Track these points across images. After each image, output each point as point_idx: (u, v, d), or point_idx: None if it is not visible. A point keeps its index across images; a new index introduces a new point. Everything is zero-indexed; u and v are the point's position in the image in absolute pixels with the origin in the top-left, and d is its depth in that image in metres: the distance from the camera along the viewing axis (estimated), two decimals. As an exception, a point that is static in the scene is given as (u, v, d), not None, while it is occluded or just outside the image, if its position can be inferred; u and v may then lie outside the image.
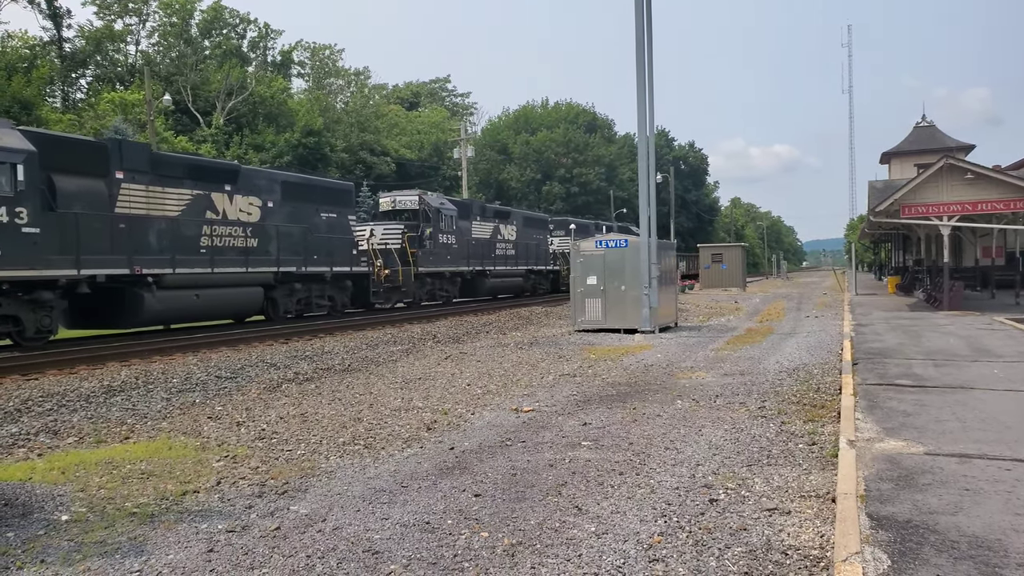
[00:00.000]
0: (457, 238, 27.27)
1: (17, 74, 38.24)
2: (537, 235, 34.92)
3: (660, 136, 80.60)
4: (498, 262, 30.64)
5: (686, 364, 11.96)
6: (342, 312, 21.86)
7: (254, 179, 18.87)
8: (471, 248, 28.37)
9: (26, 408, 8.84)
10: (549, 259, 36.20)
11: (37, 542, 4.46)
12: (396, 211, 26.36)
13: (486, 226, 30.19)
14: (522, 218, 33.77)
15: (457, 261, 27.41)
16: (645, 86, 17.01)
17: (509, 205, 52.03)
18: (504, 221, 31.83)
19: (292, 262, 19.45)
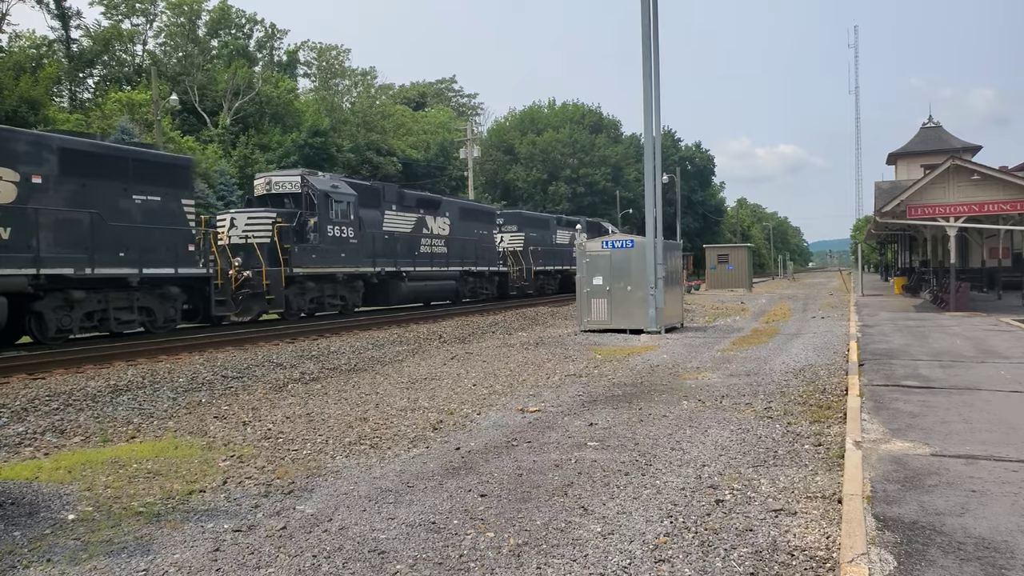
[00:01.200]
0: (358, 231, 21.60)
1: (25, 74, 38.42)
2: (481, 230, 29.33)
3: (666, 136, 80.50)
4: (421, 262, 24.87)
5: (692, 365, 11.93)
6: (170, 328, 16.52)
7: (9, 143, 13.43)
8: (381, 244, 22.84)
9: (32, 407, 8.88)
10: (497, 259, 30.71)
11: (43, 541, 4.48)
12: (272, 196, 20.63)
13: (406, 217, 24.61)
14: (458, 209, 28.12)
15: (356, 259, 21.56)
16: (651, 86, 16.99)
17: (516, 205, 50.84)
18: (432, 212, 26.18)
19: (57, 261, 13.77)
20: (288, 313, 19.85)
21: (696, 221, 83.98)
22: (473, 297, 29.10)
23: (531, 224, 34.96)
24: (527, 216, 36.17)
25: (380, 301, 24.04)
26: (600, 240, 17.99)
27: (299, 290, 20.01)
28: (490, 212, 32.28)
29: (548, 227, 36.44)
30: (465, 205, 29.80)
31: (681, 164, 77.39)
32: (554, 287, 36.35)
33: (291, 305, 19.79)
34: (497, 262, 30.69)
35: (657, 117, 17.28)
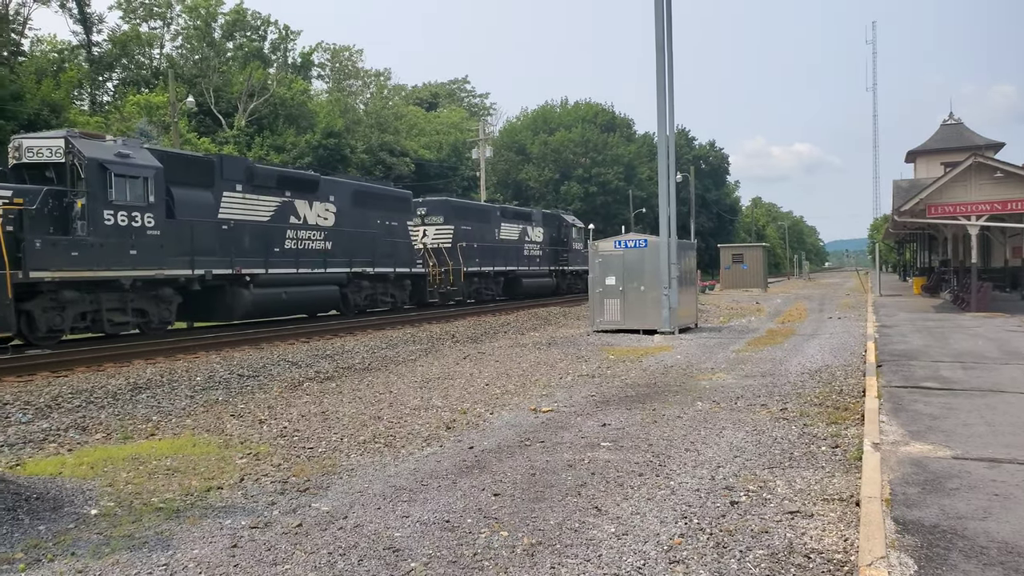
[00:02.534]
0: (162, 218, 15.36)
1: (47, 77, 38.87)
2: (389, 220, 23.03)
3: (680, 135, 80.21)
4: (283, 261, 18.63)
5: (706, 365, 11.89)
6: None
7: None
8: (210, 237, 16.68)
9: (56, 404, 9.00)
10: (415, 257, 24.61)
11: (67, 535, 4.55)
12: (29, 167, 14.46)
13: (261, 202, 18.30)
14: (351, 193, 21.62)
15: (158, 258, 15.24)
16: (665, 85, 16.95)
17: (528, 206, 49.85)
18: (306, 195, 19.78)
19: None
20: (33, 338, 13.52)
21: (710, 220, 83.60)
22: (372, 305, 22.93)
23: (463, 215, 28.72)
24: (457, 205, 29.44)
25: (217, 315, 17.70)
26: (613, 240, 17.96)
27: (51, 303, 13.60)
28: (402, 198, 24.94)
29: (488, 220, 30.27)
30: (362, 188, 22.72)
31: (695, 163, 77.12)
32: (494, 291, 30.15)
33: (36, 325, 13.46)
34: (414, 261, 24.46)
35: (671, 116, 17.23)
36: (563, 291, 36.14)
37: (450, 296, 27.14)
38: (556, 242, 35.77)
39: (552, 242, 35.37)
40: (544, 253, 34.38)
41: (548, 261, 34.67)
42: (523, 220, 33.18)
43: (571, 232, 37.07)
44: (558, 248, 35.87)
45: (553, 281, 35.21)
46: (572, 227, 37.07)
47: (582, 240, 37.67)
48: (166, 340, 15.13)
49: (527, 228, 33.11)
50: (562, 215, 37.62)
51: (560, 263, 35.86)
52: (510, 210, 33.66)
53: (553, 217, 36.68)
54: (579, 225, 38.65)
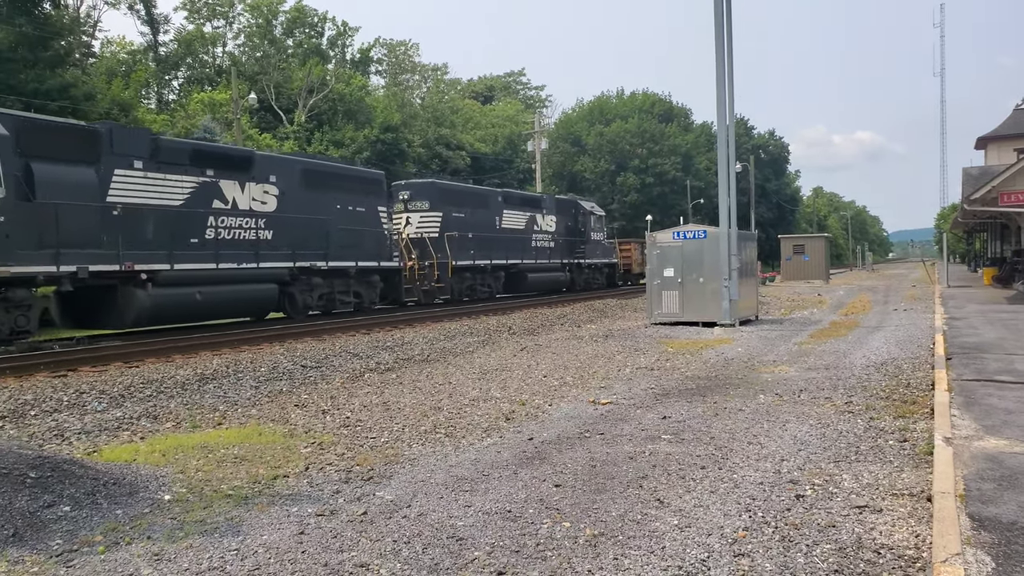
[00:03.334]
0: (8, 203, 12.30)
1: (117, 77, 40.39)
2: (353, 206, 19.44)
3: (739, 124, 78.57)
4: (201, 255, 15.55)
5: (768, 358, 11.65)
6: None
7: None
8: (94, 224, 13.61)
9: (129, 394, 9.37)
10: (388, 249, 20.88)
11: (143, 519, 4.73)
12: None
13: (171, 183, 15.07)
14: (300, 172, 18.22)
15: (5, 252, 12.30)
16: (724, 73, 16.61)
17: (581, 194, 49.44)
18: (237, 174, 16.54)
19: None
20: None
21: (770, 211, 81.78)
22: (331, 306, 19.35)
23: (454, 200, 24.84)
24: (446, 189, 25.46)
25: (106, 321, 14.79)
26: (671, 231, 17.72)
27: None
28: (371, 180, 20.75)
29: (487, 206, 26.48)
30: (315, 167, 19.13)
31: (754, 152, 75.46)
32: (493, 287, 26.80)
33: None
34: (386, 254, 20.60)
35: (730, 104, 16.89)
36: (579, 287, 32.43)
37: (435, 294, 23.66)
38: (572, 232, 31.86)
39: (568, 232, 31.50)
40: (557, 244, 30.41)
41: (562, 253, 30.79)
42: (531, 207, 29.26)
43: (589, 221, 32.92)
44: (574, 239, 32.01)
45: (567, 276, 31.31)
46: (591, 215, 33.13)
47: (603, 230, 34.64)
48: (231, 332, 15.59)
49: (536, 216, 29.14)
50: (579, 202, 33.53)
51: (576, 256, 32.04)
52: (515, 195, 29.68)
53: (568, 204, 32.65)
54: (598, 213, 34.59)
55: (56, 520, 4.58)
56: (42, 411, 8.44)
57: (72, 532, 4.48)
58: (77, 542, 4.35)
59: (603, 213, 36.02)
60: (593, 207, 34.32)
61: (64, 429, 7.49)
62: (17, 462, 4.99)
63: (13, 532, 4.35)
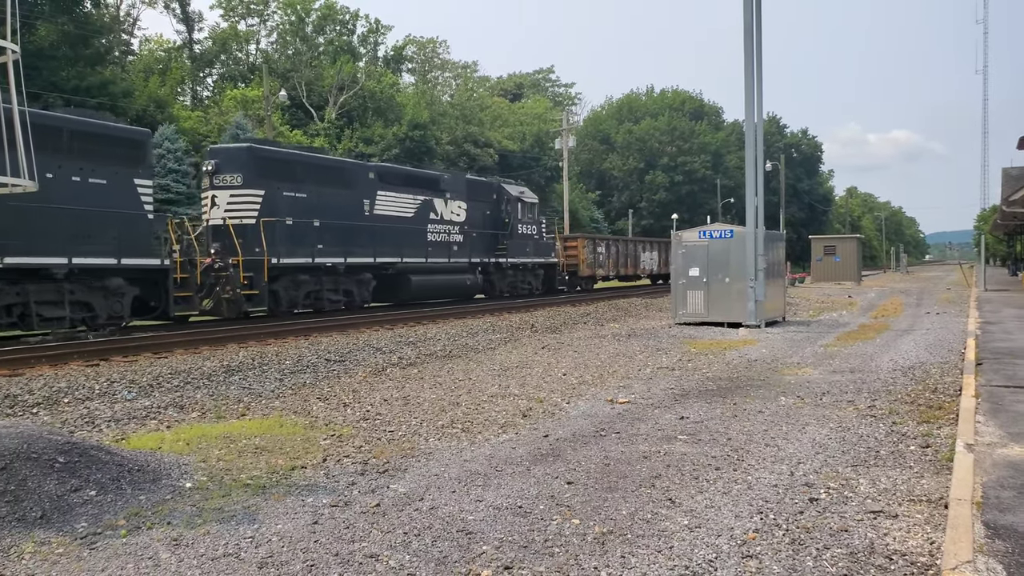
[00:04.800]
0: None
1: (154, 75, 41.16)
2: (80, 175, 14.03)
3: (770, 123, 77.66)
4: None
5: (792, 360, 11.54)
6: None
7: None
8: None
9: (157, 384, 9.59)
10: (157, 240, 15.79)
11: (165, 505, 4.86)
12: None
13: None
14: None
15: None
16: (753, 70, 16.45)
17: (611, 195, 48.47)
18: None
19: None
20: None
21: (802, 211, 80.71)
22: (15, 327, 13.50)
23: (285, 174, 18.59)
24: (272, 158, 18.78)
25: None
26: (697, 230, 17.60)
27: None
28: (117, 138, 15.00)
29: (349, 183, 19.99)
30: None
31: (786, 151, 74.52)
32: (357, 294, 20.29)
33: None
34: (145, 248, 15.09)
35: (759, 102, 16.73)
36: (500, 292, 26.23)
37: (235, 306, 16.86)
38: (492, 223, 25.81)
39: (485, 223, 25.46)
40: (467, 239, 24.11)
41: (473, 250, 24.48)
42: (426, 189, 22.65)
43: (516, 210, 26.49)
44: (495, 232, 25.81)
45: (477, 279, 24.83)
46: (519, 202, 26.74)
47: (538, 222, 27.96)
48: (258, 325, 15.85)
49: (434, 201, 22.80)
50: (504, 185, 27.05)
51: (496, 253, 25.69)
52: (398, 172, 22.83)
53: (486, 187, 26.37)
54: (530, 199, 27.76)
55: (82, 504, 4.72)
56: (75, 399, 8.67)
57: (97, 516, 4.61)
58: (101, 525, 4.48)
59: (535, 200, 28.42)
60: (523, 192, 27.69)
61: (95, 416, 7.70)
62: (47, 447, 5.15)
63: (41, 514, 4.50)
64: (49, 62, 32.67)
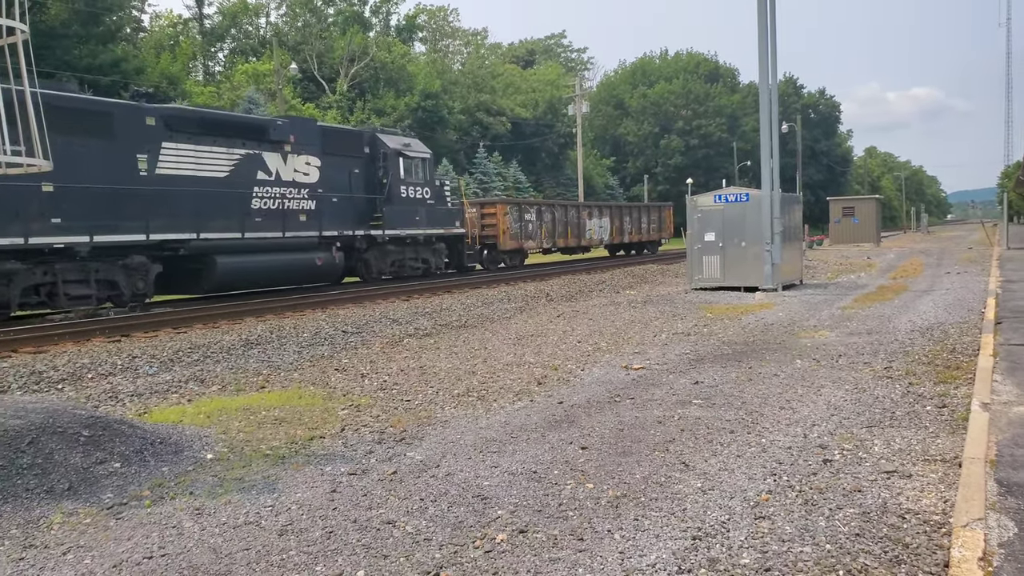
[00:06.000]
0: None
1: (165, 51, 41.09)
2: None
3: (786, 83, 76.31)
4: None
5: (809, 323, 11.49)
6: None
7: None
8: None
9: (177, 358, 9.73)
10: None
11: (187, 476, 4.98)
12: None
13: None
14: None
15: None
16: (767, 28, 16.14)
17: (627, 161, 47.51)
18: None
19: None
20: None
21: (820, 172, 79.65)
22: None
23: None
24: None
25: None
26: (712, 194, 17.44)
27: None
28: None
29: (111, 132, 14.37)
30: None
31: (803, 112, 73.33)
32: (126, 286, 14.46)
33: None
34: None
35: (773, 62, 16.43)
36: (375, 275, 19.99)
37: None
38: (364, 185, 19.60)
39: (352, 185, 19.23)
40: (320, 205, 18.14)
41: (331, 220, 18.40)
42: (249, 139, 16.70)
43: (398, 167, 20.12)
44: (370, 198, 19.57)
45: (335, 259, 18.50)
46: (399, 157, 20.22)
47: (428, 182, 21.32)
48: (277, 299, 16.00)
49: (264, 156, 16.91)
50: (379, 135, 20.43)
51: (370, 223, 19.43)
52: (197, 117, 16.45)
53: (351, 138, 20.03)
54: (417, 154, 20.99)
55: (107, 476, 4.85)
56: (98, 374, 8.84)
57: (122, 487, 4.73)
58: (126, 496, 4.60)
59: (428, 154, 21.73)
60: (408, 145, 20.93)
61: (118, 391, 7.84)
62: (72, 421, 5.27)
63: (68, 486, 4.63)
64: (61, 41, 32.70)
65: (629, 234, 33.40)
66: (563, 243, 29.13)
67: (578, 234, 29.84)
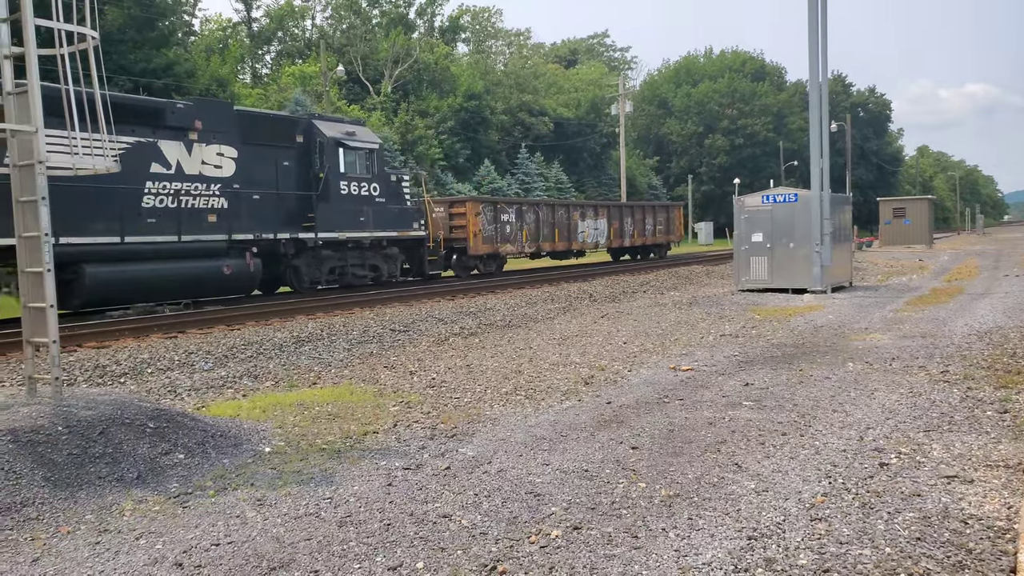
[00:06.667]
0: None
1: (214, 54, 42.08)
2: None
3: (835, 81, 74.78)
4: None
5: (860, 326, 11.28)
6: None
7: None
8: None
9: (232, 355, 9.99)
10: None
11: (247, 468, 5.13)
12: None
13: None
14: None
15: None
16: (818, 25, 15.87)
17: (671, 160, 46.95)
18: None
19: None
20: None
21: (869, 172, 77.89)
22: None
23: None
24: None
25: None
26: (760, 194, 17.22)
27: None
28: None
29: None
30: None
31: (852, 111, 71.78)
32: None
33: None
34: None
35: (823, 60, 16.16)
36: (308, 285, 17.20)
37: None
38: (297, 180, 16.90)
39: (281, 180, 16.52)
40: (235, 204, 15.48)
41: (249, 221, 15.71)
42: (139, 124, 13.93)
43: (336, 159, 17.24)
44: (302, 194, 16.86)
45: (249, 266, 15.45)
46: (339, 147, 17.32)
47: (379, 177, 18.30)
48: (326, 297, 16.29)
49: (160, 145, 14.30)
50: (315, 122, 17.54)
51: (304, 225, 16.73)
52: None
53: (279, 124, 17.24)
54: (362, 144, 17.98)
55: (172, 466, 5.02)
56: (157, 369, 9.13)
57: (186, 477, 4.90)
58: (191, 486, 4.76)
59: (376, 144, 18.61)
60: (352, 133, 17.93)
61: (176, 386, 8.10)
62: (138, 413, 5.48)
63: (137, 475, 4.81)
64: (118, 46, 33.71)
65: (631, 237, 30.10)
66: (549, 247, 26.08)
67: (568, 237, 26.68)
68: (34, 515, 4.22)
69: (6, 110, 5.48)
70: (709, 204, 67.04)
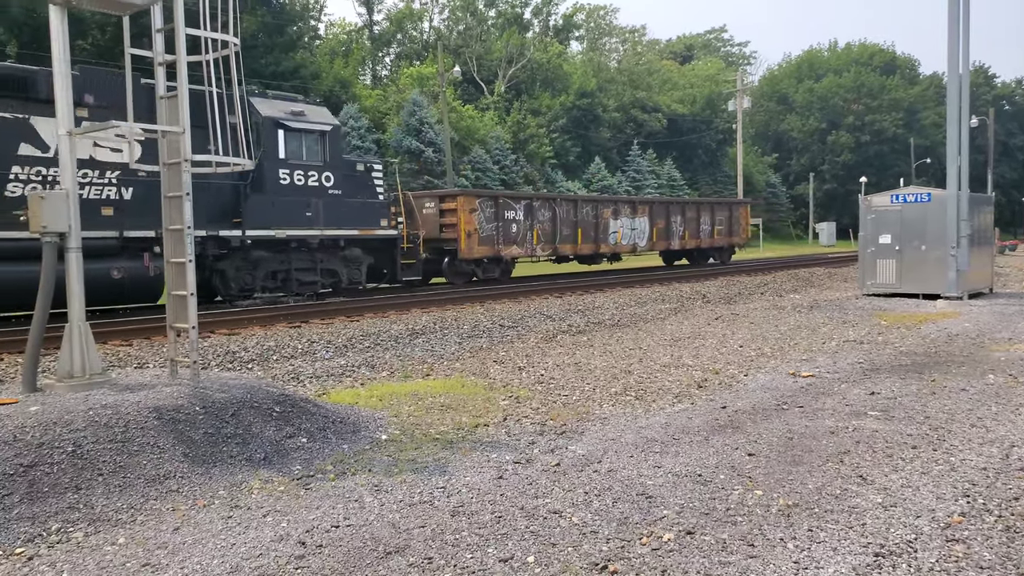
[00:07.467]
0: None
1: (338, 57, 43.98)
2: None
3: (976, 73, 69.40)
4: None
5: (1002, 335, 10.44)
6: None
7: None
8: None
9: (351, 345, 10.42)
10: None
11: (364, 455, 5.33)
12: None
13: None
14: None
15: None
16: (959, 14, 14.77)
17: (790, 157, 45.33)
18: None
19: None
20: None
21: (1014, 171, 71.84)
22: None
23: None
24: None
25: None
26: (889, 194, 16.23)
27: None
28: None
29: None
30: None
31: (996, 104, 66.38)
32: None
33: None
34: None
35: (965, 50, 15.02)
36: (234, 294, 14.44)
37: None
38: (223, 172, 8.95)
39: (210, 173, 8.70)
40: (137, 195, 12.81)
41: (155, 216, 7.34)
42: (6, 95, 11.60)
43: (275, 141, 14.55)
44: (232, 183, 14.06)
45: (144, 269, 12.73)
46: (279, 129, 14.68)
47: (336, 164, 15.56)
48: (441, 292, 16.73)
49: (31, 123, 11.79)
50: (252, 100, 14.49)
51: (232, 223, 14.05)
52: None
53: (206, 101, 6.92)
54: (310, 125, 15.12)
55: (296, 449, 5.29)
56: (282, 356, 9.65)
57: (308, 460, 5.15)
58: (313, 469, 5.00)
59: (329, 126, 15.56)
60: (301, 113, 15.17)
61: (299, 373, 8.52)
62: (266, 398, 5.80)
63: (264, 456, 5.10)
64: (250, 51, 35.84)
65: (680, 238, 25.99)
66: (571, 250, 22.13)
67: (596, 238, 22.79)
68: (175, 487, 4.55)
69: (158, 113, 5.93)
70: (832, 203, 63.90)
